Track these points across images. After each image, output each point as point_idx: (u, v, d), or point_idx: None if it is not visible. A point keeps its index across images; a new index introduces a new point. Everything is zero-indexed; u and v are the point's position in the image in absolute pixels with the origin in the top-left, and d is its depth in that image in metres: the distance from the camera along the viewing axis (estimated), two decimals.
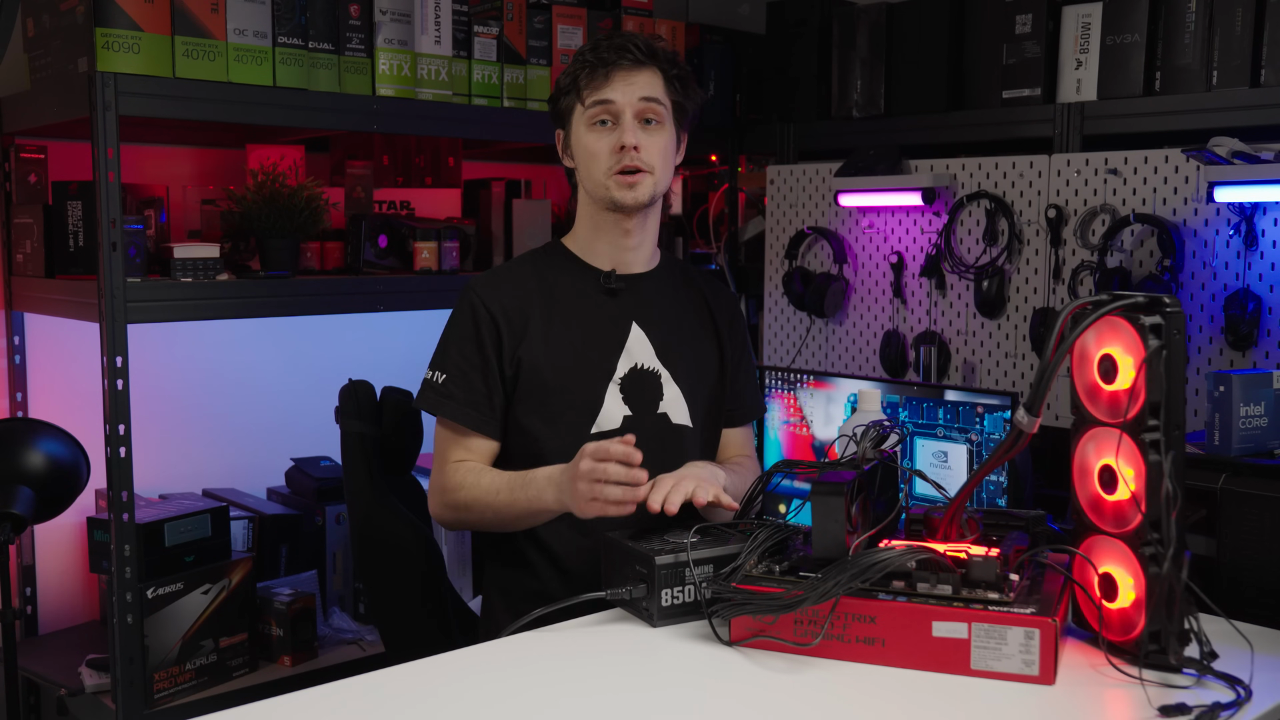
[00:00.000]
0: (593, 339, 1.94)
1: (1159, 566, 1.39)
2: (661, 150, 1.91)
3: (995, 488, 2.16)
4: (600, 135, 1.89)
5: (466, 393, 1.89)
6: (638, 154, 1.87)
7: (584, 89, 1.89)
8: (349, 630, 2.64)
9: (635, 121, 1.88)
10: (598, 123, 1.89)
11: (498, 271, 2.00)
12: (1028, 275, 2.57)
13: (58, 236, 2.39)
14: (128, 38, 2.16)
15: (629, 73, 1.88)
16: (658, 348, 1.97)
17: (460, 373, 1.90)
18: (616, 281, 1.96)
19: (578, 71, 1.90)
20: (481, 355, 1.90)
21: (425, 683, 1.43)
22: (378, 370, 2.41)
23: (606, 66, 1.87)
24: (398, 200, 3.04)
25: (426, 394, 1.92)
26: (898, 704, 1.35)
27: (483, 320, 1.91)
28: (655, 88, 1.90)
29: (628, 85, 1.87)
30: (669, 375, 1.97)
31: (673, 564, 1.57)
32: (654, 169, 1.89)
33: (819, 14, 3.01)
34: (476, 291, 1.93)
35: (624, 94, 1.87)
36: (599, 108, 1.88)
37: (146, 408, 2.57)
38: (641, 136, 1.88)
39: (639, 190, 1.89)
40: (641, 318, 1.97)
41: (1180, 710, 1.29)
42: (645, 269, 2.00)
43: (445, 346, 1.94)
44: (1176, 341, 1.40)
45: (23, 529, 2.18)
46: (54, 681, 2.38)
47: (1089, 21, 2.52)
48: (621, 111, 1.87)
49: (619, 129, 1.88)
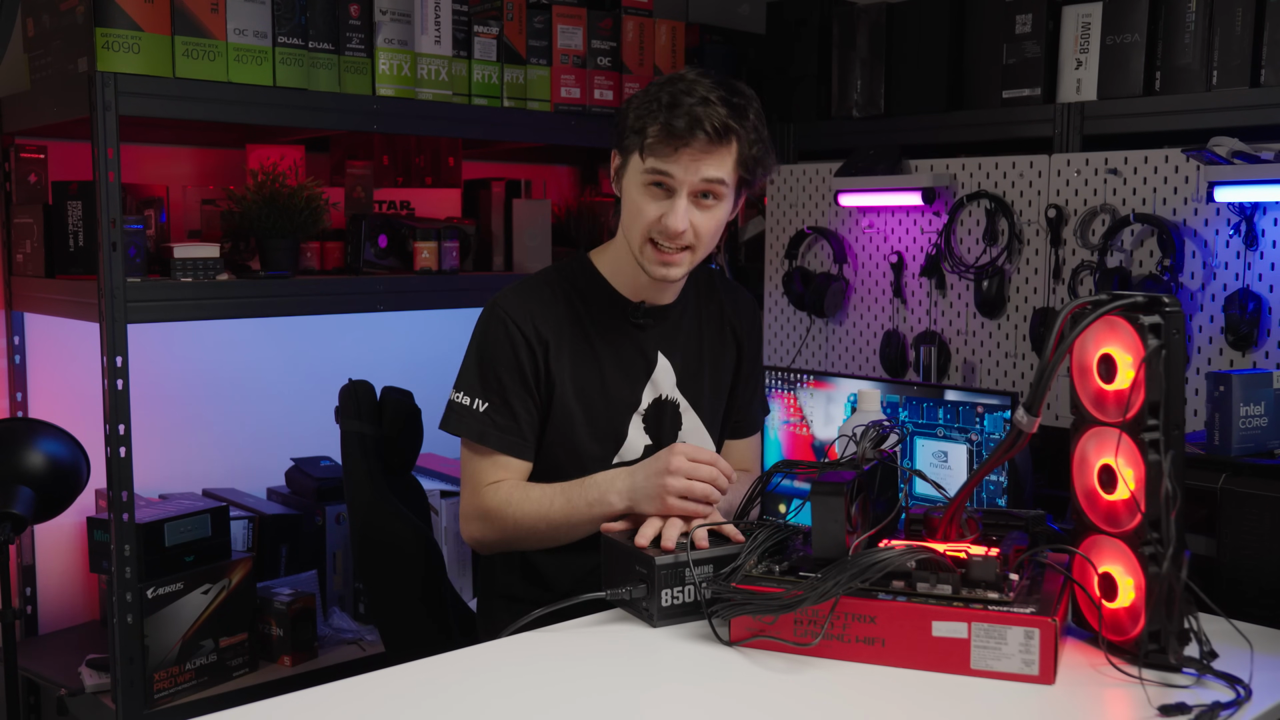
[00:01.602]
0: (619, 371, 1.89)
1: (1159, 566, 1.39)
2: (712, 229, 1.79)
3: (995, 488, 2.16)
4: (652, 200, 1.76)
5: (509, 420, 1.83)
6: (682, 236, 1.76)
7: (647, 150, 1.74)
8: (349, 630, 2.64)
9: (691, 198, 1.76)
10: (653, 184, 1.76)
11: (525, 290, 1.89)
12: (1028, 275, 2.57)
13: (58, 236, 2.39)
14: (128, 38, 2.16)
15: (699, 152, 1.72)
16: (679, 376, 1.93)
17: (501, 400, 1.82)
18: (645, 317, 1.90)
19: (647, 122, 1.74)
20: (523, 382, 1.83)
21: (425, 683, 1.43)
22: (378, 370, 2.41)
23: (677, 140, 1.71)
24: (398, 200, 3.04)
25: (467, 422, 1.83)
26: (898, 704, 1.35)
27: (519, 344, 1.83)
28: (724, 167, 1.75)
29: (694, 163, 1.73)
30: (687, 404, 1.94)
31: (673, 564, 1.57)
32: (698, 248, 1.80)
33: (819, 14, 3.01)
34: (508, 312, 1.84)
35: (687, 172, 1.73)
36: (657, 174, 1.75)
37: (146, 408, 2.57)
38: (694, 214, 1.76)
39: (673, 270, 1.80)
40: (667, 347, 1.93)
41: (1180, 710, 1.29)
42: (674, 299, 1.94)
43: (481, 370, 1.84)
44: (1176, 341, 1.40)
45: (23, 529, 2.18)
46: (54, 681, 2.38)
47: (1089, 21, 2.52)
48: (679, 187, 1.74)
49: (672, 204, 1.75)
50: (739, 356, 2.03)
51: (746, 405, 2.07)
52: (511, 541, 1.86)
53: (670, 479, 1.67)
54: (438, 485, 2.70)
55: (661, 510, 1.68)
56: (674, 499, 1.67)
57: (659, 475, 1.68)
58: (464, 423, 1.84)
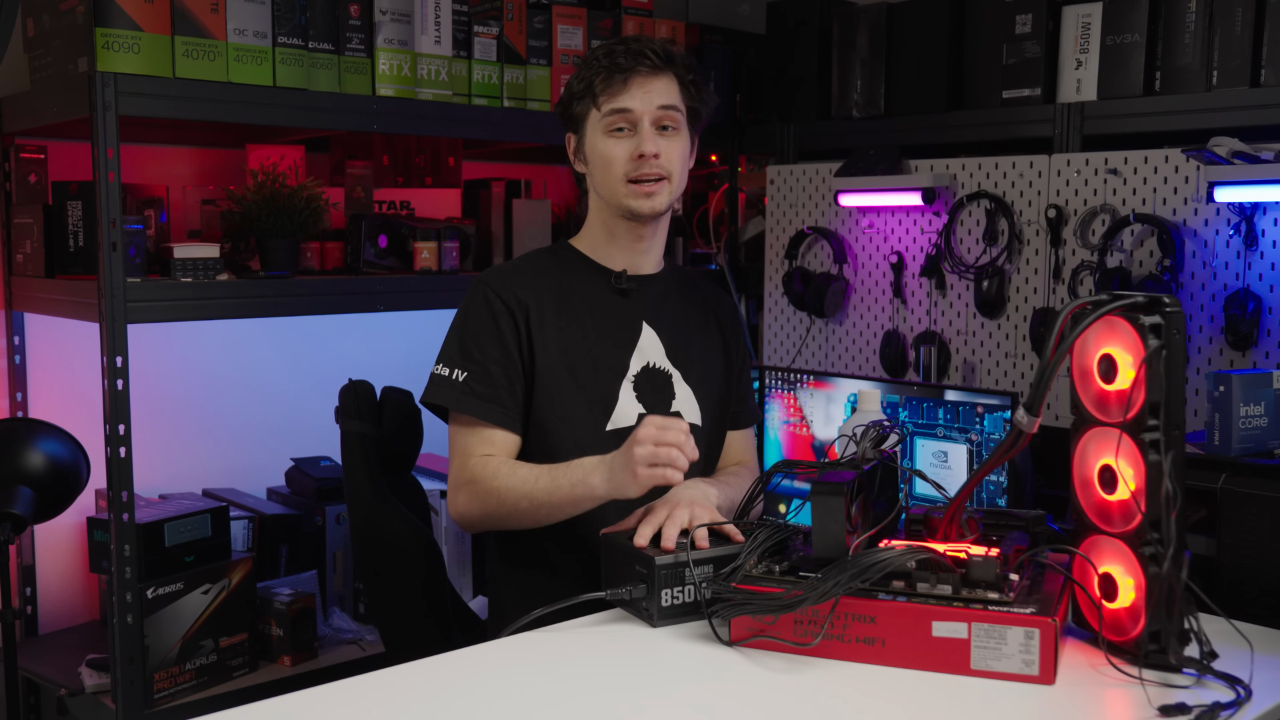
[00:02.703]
0: (606, 336, 1.93)
1: (1159, 566, 1.39)
2: (679, 156, 1.90)
3: (995, 488, 2.16)
4: (618, 142, 1.87)
5: (489, 388, 1.85)
6: (657, 161, 1.86)
7: (600, 95, 1.86)
8: (349, 630, 2.64)
9: (653, 129, 1.86)
10: (615, 130, 1.87)
11: (509, 265, 1.97)
12: (1028, 275, 2.57)
13: (58, 236, 2.39)
14: (128, 38, 2.16)
15: (647, 79, 1.86)
16: (668, 348, 1.96)
17: (481, 368, 1.86)
18: (628, 282, 1.95)
19: (592, 76, 1.87)
20: (502, 348, 1.87)
21: (425, 683, 1.43)
22: (378, 370, 2.41)
23: (624, 73, 1.85)
24: (398, 200, 3.04)
25: (445, 390, 1.86)
26: (898, 704, 1.35)
27: (499, 312, 1.88)
28: (672, 94, 1.88)
29: (645, 93, 1.86)
30: (679, 375, 1.96)
31: (673, 564, 1.57)
32: (672, 175, 1.89)
33: (819, 14, 3.01)
34: (490, 284, 1.90)
35: (642, 101, 1.85)
36: (617, 115, 1.86)
37: (146, 408, 2.57)
38: (660, 143, 1.87)
39: (656, 200, 1.88)
40: (652, 318, 1.97)
41: (1180, 710, 1.29)
42: (654, 271, 2.00)
43: (461, 341, 1.89)
44: (1176, 341, 1.40)
45: (23, 529, 2.18)
46: (54, 681, 2.38)
47: (1089, 21, 2.52)
48: (640, 119, 1.86)
49: (637, 136, 1.86)
50: (725, 346, 2.06)
51: (742, 397, 2.09)
52: (495, 518, 1.84)
53: (638, 448, 1.66)
54: (438, 485, 2.70)
55: (636, 484, 1.66)
56: (643, 468, 1.65)
57: (628, 447, 1.68)
58: (442, 391, 1.87)
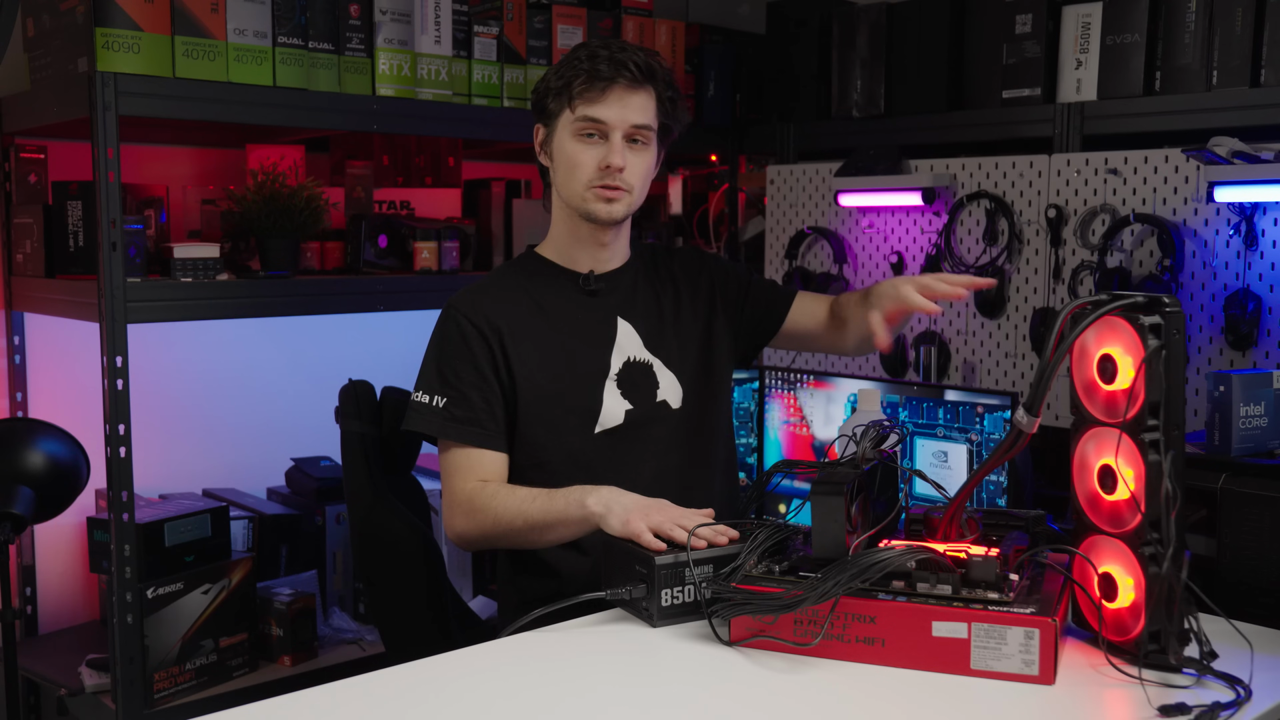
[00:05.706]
0: (583, 340, 1.94)
1: (1159, 566, 1.39)
2: (644, 171, 1.92)
3: (995, 488, 2.16)
4: (586, 148, 1.88)
5: (469, 411, 1.87)
6: (622, 175, 1.87)
7: (576, 98, 1.86)
8: (349, 630, 2.64)
9: (623, 142, 1.87)
10: (585, 135, 1.88)
11: (476, 287, 1.97)
12: (1028, 275, 2.57)
13: (58, 236, 2.39)
14: (128, 38, 2.16)
15: (625, 92, 1.86)
16: (645, 338, 1.98)
17: (458, 393, 1.88)
18: (596, 282, 1.97)
19: (572, 77, 1.87)
20: (478, 372, 1.88)
21: (425, 683, 1.43)
22: (378, 370, 2.41)
23: (604, 81, 1.85)
24: (398, 200, 3.04)
25: (426, 417, 1.88)
26: (898, 704, 1.35)
27: (471, 336, 1.89)
28: (647, 112, 1.89)
29: (622, 106, 1.86)
30: (660, 363, 1.98)
31: (673, 564, 1.57)
32: (634, 189, 1.90)
33: (819, 14, 3.01)
34: (460, 309, 1.92)
35: (618, 114, 1.86)
36: (589, 123, 1.87)
37: (146, 408, 2.57)
38: (628, 157, 1.88)
39: (615, 207, 1.90)
40: (625, 312, 1.98)
41: (1180, 710, 1.29)
42: (620, 264, 2.01)
43: (438, 367, 1.90)
44: (1176, 341, 1.41)
45: (23, 529, 2.18)
46: (54, 681, 2.38)
47: (1089, 21, 2.51)
48: (611, 131, 1.86)
49: (607, 146, 1.87)
50: (704, 311, 2.04)
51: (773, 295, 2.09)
52: (491, 538, 1.86)
53: (654, 513, 1.65)
54: (438, 485, 2.69)
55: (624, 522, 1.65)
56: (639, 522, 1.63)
57: (644, 505, 1.67)
58: (423, 418, 1.89)
